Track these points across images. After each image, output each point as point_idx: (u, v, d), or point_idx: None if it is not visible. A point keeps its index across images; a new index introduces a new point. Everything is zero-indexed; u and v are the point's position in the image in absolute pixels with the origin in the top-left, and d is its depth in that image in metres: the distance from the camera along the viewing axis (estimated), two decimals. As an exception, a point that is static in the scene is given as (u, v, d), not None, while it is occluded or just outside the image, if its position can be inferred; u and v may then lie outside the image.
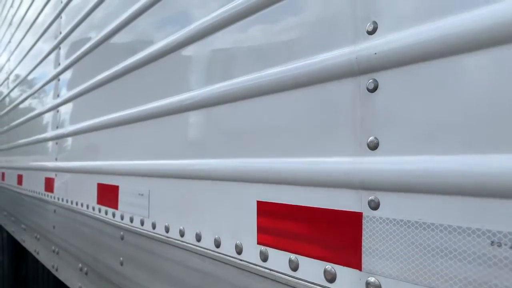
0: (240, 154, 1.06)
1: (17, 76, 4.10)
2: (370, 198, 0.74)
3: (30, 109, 3.43)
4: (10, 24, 4.47)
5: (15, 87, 4.16)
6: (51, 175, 2.73)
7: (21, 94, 3.88)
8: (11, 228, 4.25)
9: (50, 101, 2.85)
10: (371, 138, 0.75)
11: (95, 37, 2.07)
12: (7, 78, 4.57)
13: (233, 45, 1.12)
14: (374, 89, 0.74)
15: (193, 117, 1.28)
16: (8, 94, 4.49)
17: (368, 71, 0.76)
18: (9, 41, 4.50)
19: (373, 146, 0.74)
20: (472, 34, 0.62)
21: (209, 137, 1.20)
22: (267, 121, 0.98)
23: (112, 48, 1.91)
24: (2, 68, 4.84)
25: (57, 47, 2.77)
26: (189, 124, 1.31)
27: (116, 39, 1.87)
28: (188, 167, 1.27)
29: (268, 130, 0.97)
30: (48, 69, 2.98)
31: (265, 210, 0.97)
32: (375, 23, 0.75)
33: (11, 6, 4.43)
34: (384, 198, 0.72)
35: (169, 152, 1.39)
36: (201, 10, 1.26)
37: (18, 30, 4.08)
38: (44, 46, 3.10)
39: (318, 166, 0.84)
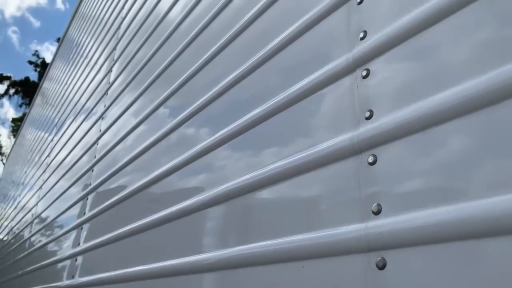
0: None
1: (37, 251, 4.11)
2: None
3: (43, 279, 3.31)
4: (45, 170, 4.66)
5: (30, 252, 4.20)
6: None
7: (34, 260, 3.86)
8: None
9: (65, 282, 2.76)
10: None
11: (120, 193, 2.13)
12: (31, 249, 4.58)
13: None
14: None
15: None
16: (26, 256, 4.44)
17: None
18: (40, 186, 4.64)
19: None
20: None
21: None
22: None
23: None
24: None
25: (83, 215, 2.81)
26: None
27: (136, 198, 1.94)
28: None
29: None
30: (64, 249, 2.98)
31: None
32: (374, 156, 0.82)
33: (48, 155, 4.73)
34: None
35: None
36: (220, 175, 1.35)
37: (51, 176, 4.25)
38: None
39: None
